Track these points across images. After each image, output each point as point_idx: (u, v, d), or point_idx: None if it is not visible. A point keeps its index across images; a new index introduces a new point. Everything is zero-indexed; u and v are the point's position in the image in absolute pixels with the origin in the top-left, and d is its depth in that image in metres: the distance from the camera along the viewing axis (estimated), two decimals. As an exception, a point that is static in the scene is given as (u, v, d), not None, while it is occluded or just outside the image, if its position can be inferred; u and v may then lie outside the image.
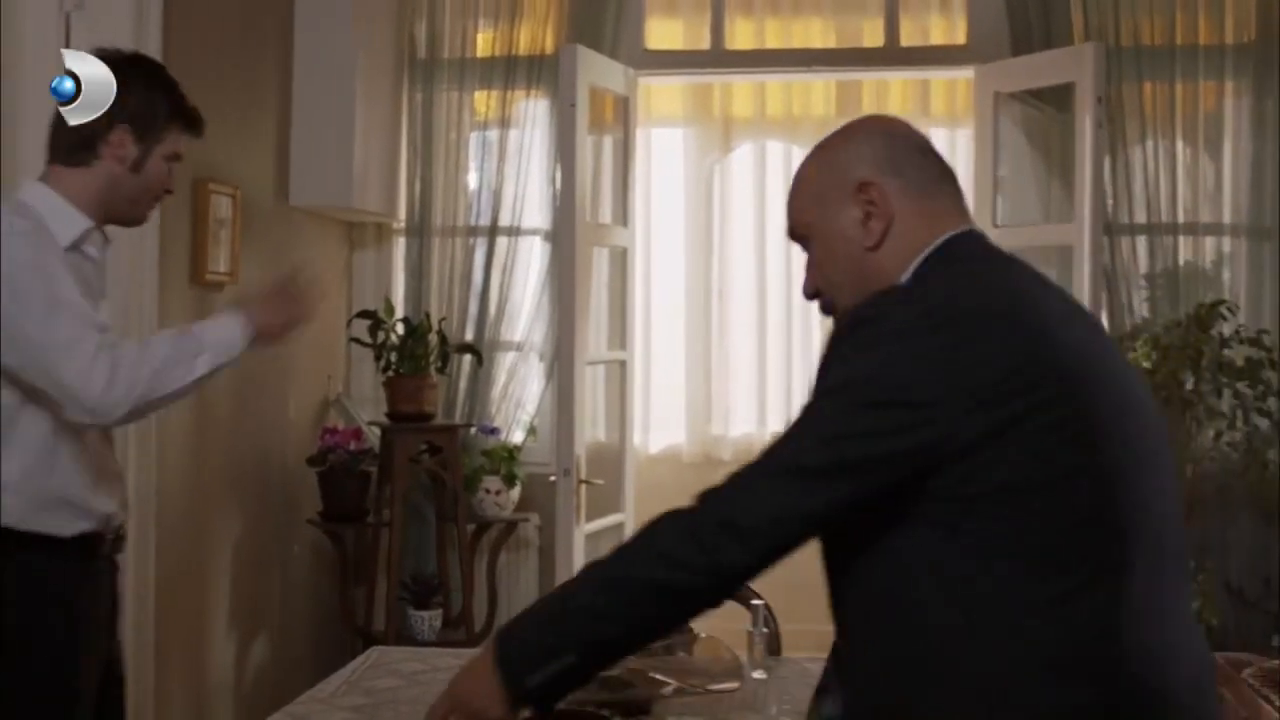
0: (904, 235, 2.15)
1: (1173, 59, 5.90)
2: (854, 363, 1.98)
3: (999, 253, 2.20)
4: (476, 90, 6.30)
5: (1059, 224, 5.93)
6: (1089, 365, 1.99)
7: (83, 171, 3.08)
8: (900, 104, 7.58)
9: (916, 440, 1.91)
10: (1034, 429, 1.90)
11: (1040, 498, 1.91)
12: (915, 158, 2.20)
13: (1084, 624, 1.90)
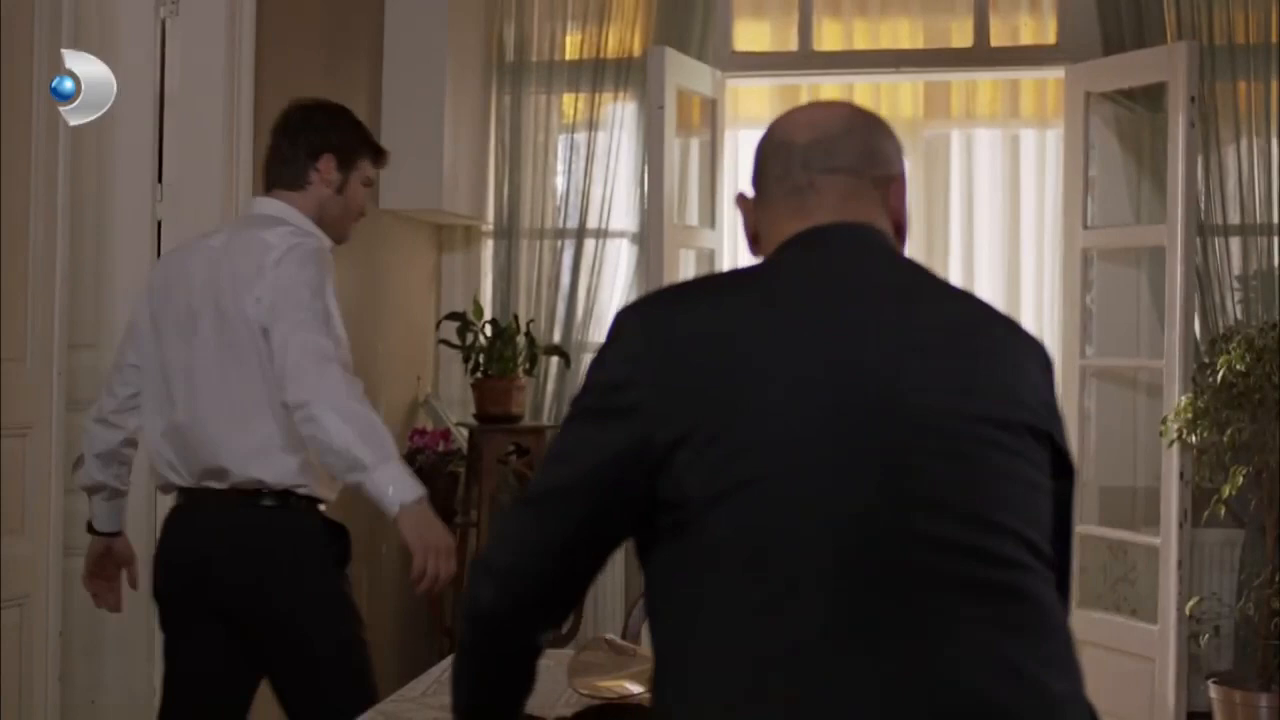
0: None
1: (1268, 57, 5.82)
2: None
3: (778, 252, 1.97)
4: (564, 93, 6.32)
5: (1151, 225, 5.87)
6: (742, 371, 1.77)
7: (299, 194, 3.59)
8: (989, 105, 7.52)
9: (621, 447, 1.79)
10: (696, 443, 1.73)
11: (713, 513, 1.71)
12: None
13: (768, 646, 1.68)
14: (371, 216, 5.64)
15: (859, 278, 1.88)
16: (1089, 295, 6.17)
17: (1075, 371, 6.07)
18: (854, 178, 1.96)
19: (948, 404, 1.76)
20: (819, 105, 2.22)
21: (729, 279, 2.13)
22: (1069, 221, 6.17)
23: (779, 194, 1.97)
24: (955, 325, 1.86)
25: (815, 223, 1.93)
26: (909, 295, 1.87)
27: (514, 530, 1.91)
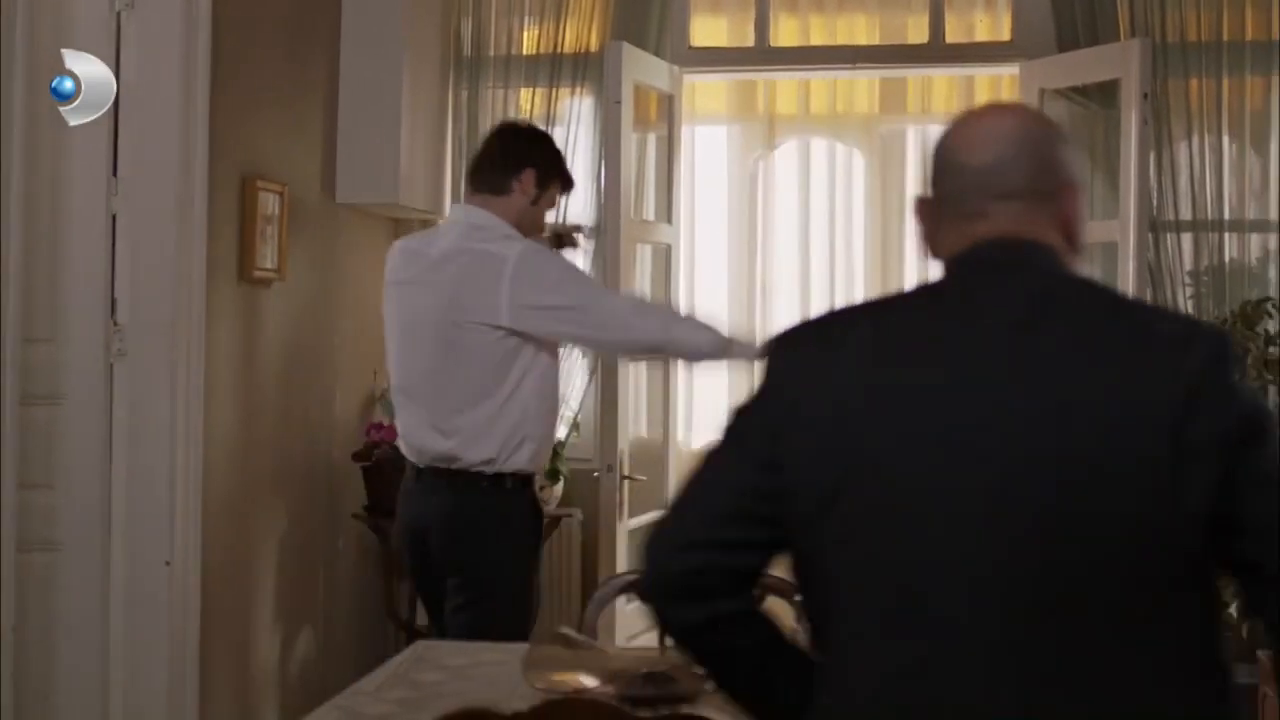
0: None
1: (1219, 55, 5.86)
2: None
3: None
4: (521, 88, 6.31)
5: (1104, 221, 5.90)
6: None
7: (502, 199, 4.17)
8: (945, 101, 7.56)
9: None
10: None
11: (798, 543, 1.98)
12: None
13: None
14: (328, 210, 5.66)
15: (1008, 302, 1.93)
16: (1042, 290, 6.19)
17: (1028, 367, 6.10)
18: (1025, 201, 2.00)
19: (1045, 445, 1.82)
20: (991, 116, 2.15)
21: (856, 314, 2.18)
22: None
23: (953, 215, 2.03)
24: (1069, 358, 1.87)
25: (980, 239, 1.99)
26: (1035, 327, 1.90)
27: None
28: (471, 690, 3.08)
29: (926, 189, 2.10)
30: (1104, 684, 1.78)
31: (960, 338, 1.92)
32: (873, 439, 1.88)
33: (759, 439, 1.97)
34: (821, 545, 1.94)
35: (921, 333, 1.95)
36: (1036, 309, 1.91)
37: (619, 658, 2.86)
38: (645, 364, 6.38)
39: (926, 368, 1.90)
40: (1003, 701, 1.80)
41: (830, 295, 7.51)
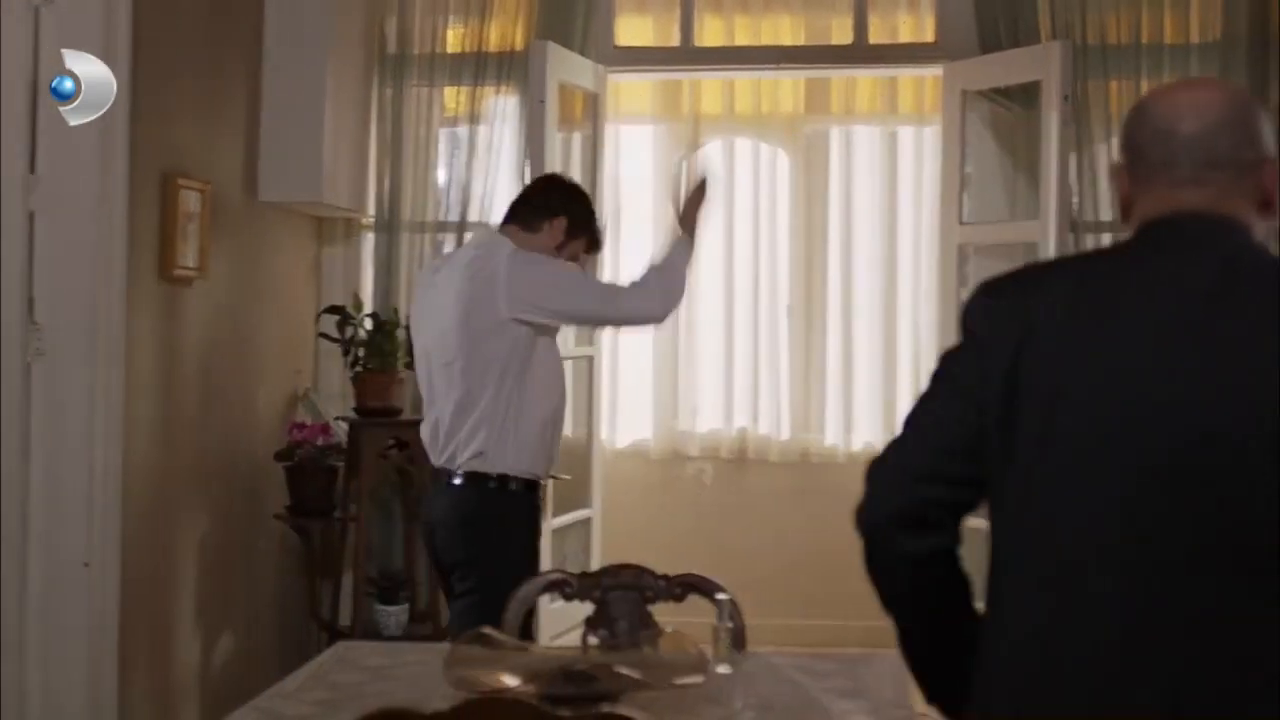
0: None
1: (1138, 57, 5.92)
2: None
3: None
4: (446, 86, 6.30)
5: (1025, 221, 5.96)
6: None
7: (531, 235, 4.44)
8: (869, 101, 7.63)
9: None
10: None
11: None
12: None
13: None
14: (250, 208, 5.63)
15: (1196, 267, 2.05)
16: (963, 290, 6.25)
17: (951, 365, 6.14)
18: (1234, 170, 2.11)
19: (1222, 411, 1.97)
20: (1197, 87, 2.26)
21: (1067, 273, 2.26)
22: (945, 217, 6.25)
23: (1163, 180, 2.12)
24: (1250, 333, 1.99)
25: (1170, 211, 2.11)
26: (1232, 285, 2.03)
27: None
28: (392, 691, 3.07)
29: (1122, 155, 2.20)
30: (1244, 642, 1.94)
31: (1155, 303, 2.03)
32: (1065, 389, 2.03)
33: (971, 378, 2.12)
34: (1005, 489, 2.09)
35: (1119, 294, 2.07)
36: (1227, 283, 2.03)
37: (540, 656, 2.86)
38: (570, 363, 6.37)
39: (1121, 327, 2.03)
40: (1146, 650, 1.96)
41: (754, 293, 7.56)
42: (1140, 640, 1.96)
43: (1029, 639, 2.04)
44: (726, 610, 3.20)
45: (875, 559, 2.23)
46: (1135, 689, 1.96)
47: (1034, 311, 2.09)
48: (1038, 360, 2.05)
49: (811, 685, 3.15)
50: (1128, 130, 2.20)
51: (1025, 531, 2.07)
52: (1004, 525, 2.11)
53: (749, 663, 3.30)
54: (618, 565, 3.53)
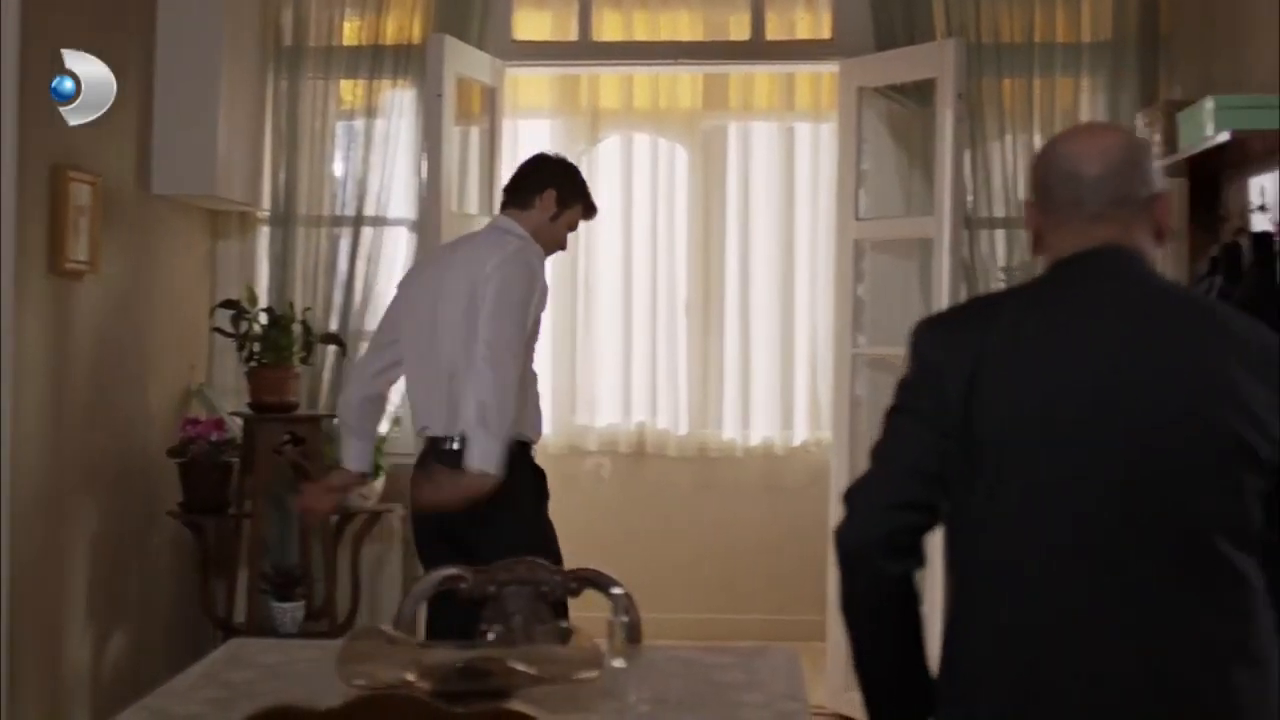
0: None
1: (1031, 56, 6.00)
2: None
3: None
4: (342, 79, 6.27)
5: (920, 217, 6.02)
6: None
7: (525, 214, 4.65)
8: (766, 98, 7.65)
9: None
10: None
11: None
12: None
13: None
14: (143, 202, 5.56)
15: (1111, 296, 2.39)
16: (860, 285, 6.30)
17: (847, 360, 6.19)
18: (1134, 206, 2.43)
19: (1147, 413, 2.30)
20: (1098, 133, 2.62)
21: (993, 306, 2.62)
22: (841, 213, 6.29)
23: (1075, 218, 2.44)
24: (1176, 336, 2.35)
25: (1093, 244, 2.42)
26: (1144, 313, 2.38)
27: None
28: (284, 688, 3.04)
29: (1033, 194, 2.52)
30: (1194, 613, 2.27)
31: (1087, 327, 2.36)
32: (1016, 410, 2.32)
33: (930, 407, 2.38)
34: (970, 505, 2.35)
35: (1056, 321, 2.38)
36: (1145, 306, 2.38)
37: (435, 652, 2.84)
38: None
39: (1061, 351, 2.35)
40: (1100, 624, 2.27)
41: (652, 288, 7.56)
42: (1101, 632, 2.26)
43: (1009, 637, 2.31)
44: (622, 604, 3.21)
45: (855, 581, 2.44)
46: (1103, 675, 2.26)
47: (983, 343, 2.37)
48: (990, 386, 2.33)
49: (706, 678, 3.16)
50: (1037, 172, 2.50)
51: (992, 543, 2.34)
52: (970, 539, 2.37)
53: (644, 657, 3.30)
54: (513, 560, 3.52)
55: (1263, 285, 4.57)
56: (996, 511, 2.33)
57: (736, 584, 7.52)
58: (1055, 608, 2.29)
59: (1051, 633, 2.29)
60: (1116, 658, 2.26)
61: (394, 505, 6.13)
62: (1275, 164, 4.65)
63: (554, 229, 4.72)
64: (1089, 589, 2.28)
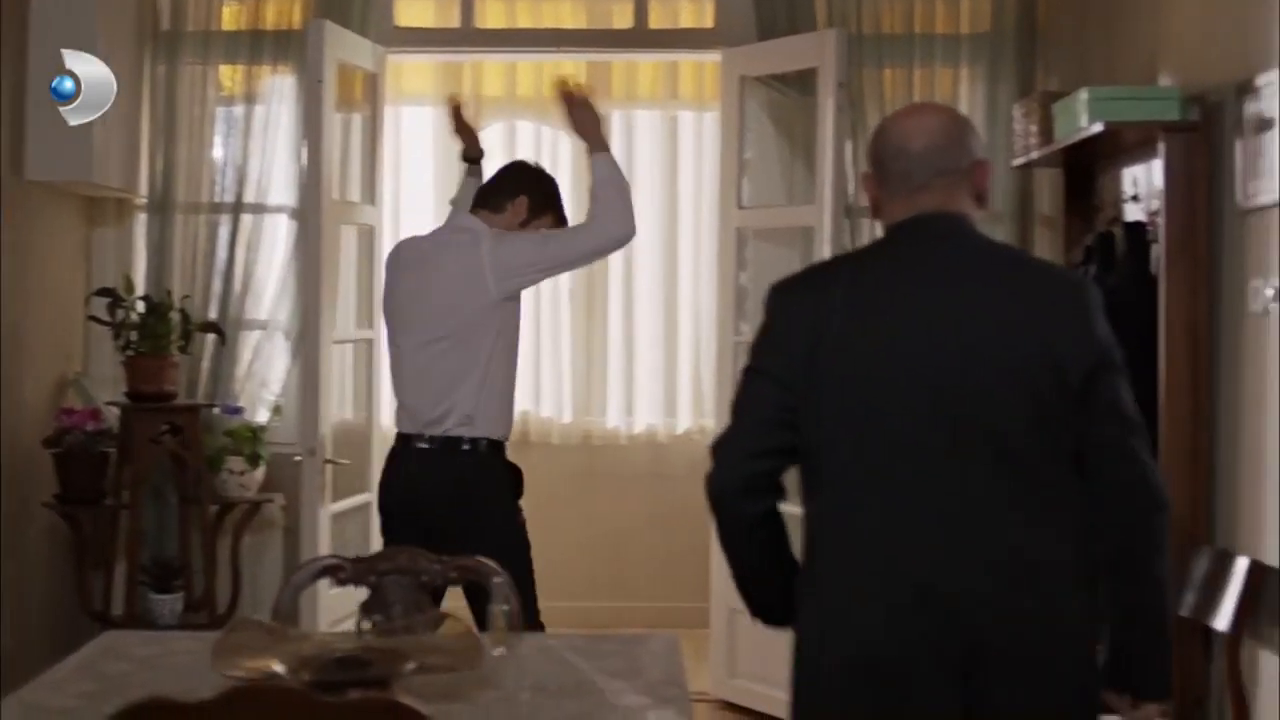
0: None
1: (912, 46, 6.06)
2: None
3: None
4: (222, 64, 6.19)
5: (802, 206, 6.06)
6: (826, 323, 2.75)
7: (496, 216, 4.75)
8: (650, 86, 7.66)
9: None
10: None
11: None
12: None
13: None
14: (16, 188, 5.49)
15: (923, 256, 2.77)
16: (743, 273, 6.33)
17: (730, 348, 6.22)
18: (954, 175, 2.80)
19: (958, 355, 2.68)
20: (923, 112, 3.06)
21: (834, 269, 3.15)
22: (724, 202, 6.32)
23: (902, 188, 2.80)
24: (986, 291, 2.73)
25: (921, 211, 2.79)
26: (964, 268, 2.76)
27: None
28: (160, 681, 3.01)
29: (870, 168, 2.87)
30: (1005, 528, 2.68)
31: (914, 284, 2.75)
32: (854, 360, 2.71)
33: (779, 365, 2.76)
34: (818, 440, 2.74)
35: (886, 280, 2.78)
36: (964, 263, 2.77)
37: (312, 643, 2.82)
38: (349, 347, 6.31)
39: (891, 305, 2.74)
40: (928, 532, 2.68)
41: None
42: (925, 547, 2.67)
43: (855, 540, 2.72)
44: (502, 593, 3.20)
45: (722, 520, 2.85)
46: (922, 583, 2.66)
47: (822, 304, 2.76)
48: (830, 340, 2.71)
49: (587, 666, 3.16)
50: (873, 148, 2.87)
51: (842, 473, 2.73)
52: (815, 471, 2.77)
53: (525, 645, 3.31)
54: (393, 549, 3.50)
55: (1136, 274, 4.65)
56: (838, 451, 2.73)
57: (621, 572, 7.54)
58: (888, 526, 2.69)
59: (883, 544, 2.69)
60: (937, 569, 2.66)
61: (274, 495, 6.09)
62: (1148, 155, 4.73)
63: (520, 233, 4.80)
64: (918, 511, 2.68)
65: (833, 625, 2.73)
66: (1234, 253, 4.32)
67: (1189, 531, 4.39)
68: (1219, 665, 4.24)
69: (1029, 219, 6.08)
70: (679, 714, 2.82)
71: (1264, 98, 4.08)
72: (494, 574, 3.39)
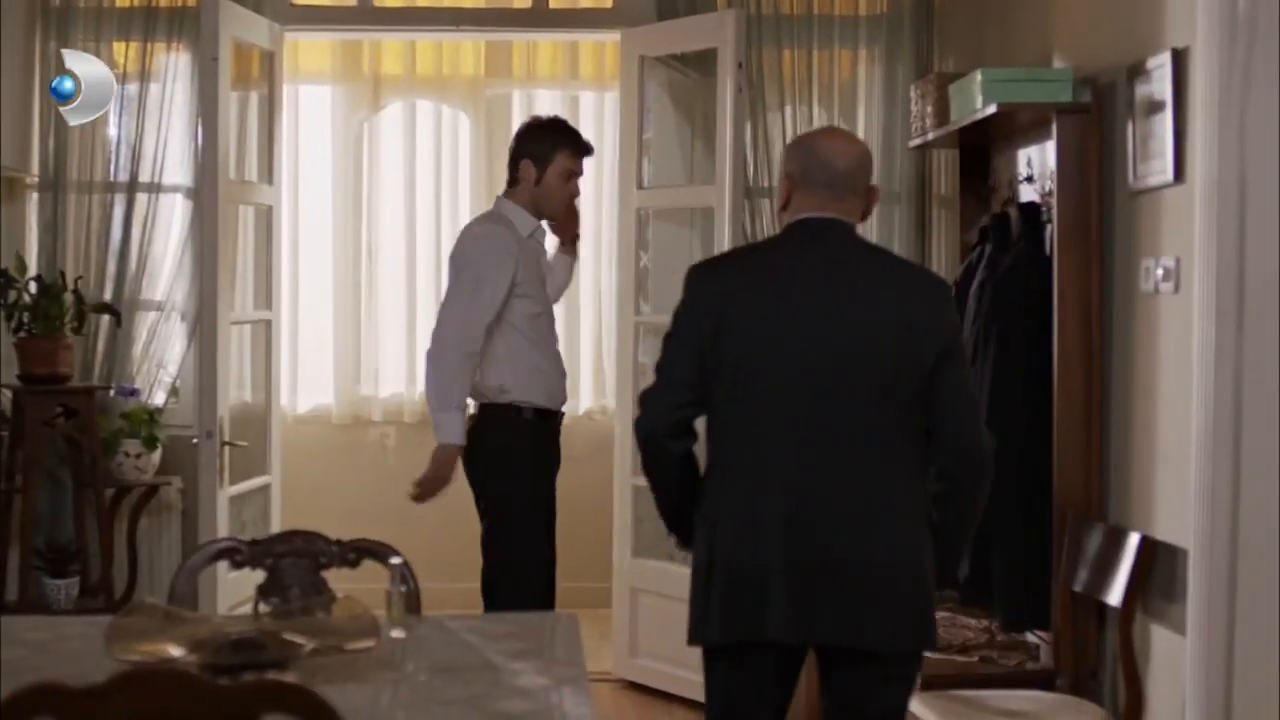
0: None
1: (811, 27, 6.09)
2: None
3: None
4: (115, 41, 6.10)
5: (701, 186, 6.07)
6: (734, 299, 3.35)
7: (514, 191, 5.03)
8: (550, 66, 7.64)
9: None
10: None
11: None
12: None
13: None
14: (-98, 167, 5.34)
15: (818, 250, 3.37)
16: (644, 254, 6.34)
17: (630, 328, 6.23)
18: (858, 195, 3.43)
19: (835, 333, 3.28)
20: (848, 139, 3.59)
21: (743, 254, 3.91)
22: (624, 182, 6.32)
23: (822, 195, 3.38)
24: (863, 283, 3.34)
25: (824, 215, 3.38)
26: (847, 264, 3.37)
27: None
28: (52, 665, 2.98)
29: (791, 169, 3.43)
30: (858, 473, 3.30)
31: (808, 271, 3.34)
32: (750, 331, 3.29)
33: (693, 332, 3.34)
34: (718, 397, 3.34)
35: (785, 266, 3.38)
36: (851, 258, 3.40)
37: (207, 626, 2.80)
38: (247, 327, 6.26)
39: (786, 287, 3.32)
40: (801, 478, 3.29)
41: (436, 256, 7.48)
42: (791, 473, 3.29)
43: (739, 477, 3.34)
44: (399, 574, 3.20)
45: (650, 456, 3.45)
46: (795, 517, 3.27)
47: (730, 282, 3.40)
48: (733, 313, 3.30)
49: (485, 646, 3.16)
50: (799, 155, 3.45)
51: (734, 424, 3.35)
52: (717, 423, 3.39)
53: (423, 626, 3.30)
54: (290, 531, 3.49)
55: (1031, 254, 4.71)
56: (733, 405, 3.34)
57: (522, 552, 7.52)
58: (764, 468, 3.30)
59: (760, 481, 3.30)
60: (799, 502, 3.27)
61: (171, 478, 6.03)
62: (1042, 136, 4.78)
63: (547, 191, 4.99)
64: (791, 457, 3.29)
65: (719, 542, 3.33)
66: (1126, 233, 4.39)
67: (1082, 508, 4.46)
68: (1112, 639, 4.31)
69: (926, 199, 6.13)
70: (578, 693, 2.82)
71: (1155, 80, 4.13)
72: (391, 554, 3.38)
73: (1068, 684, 4.41)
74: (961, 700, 4.24)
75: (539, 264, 5.06)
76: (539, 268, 5.05)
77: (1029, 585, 4.61)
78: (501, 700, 2.78)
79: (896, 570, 3.31)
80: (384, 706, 2.72)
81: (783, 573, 3.25)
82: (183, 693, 2.01)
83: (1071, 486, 4.50)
